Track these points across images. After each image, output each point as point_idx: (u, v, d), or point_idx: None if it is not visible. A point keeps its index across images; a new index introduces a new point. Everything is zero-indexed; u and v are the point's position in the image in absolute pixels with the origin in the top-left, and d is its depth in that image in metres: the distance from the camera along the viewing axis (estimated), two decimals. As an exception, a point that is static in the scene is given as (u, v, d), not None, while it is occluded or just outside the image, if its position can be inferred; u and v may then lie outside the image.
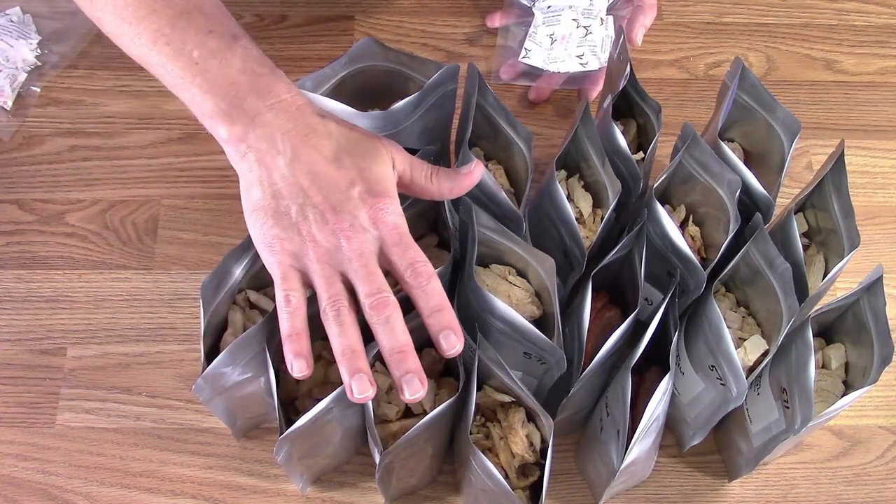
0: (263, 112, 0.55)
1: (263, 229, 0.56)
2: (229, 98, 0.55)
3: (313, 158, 0.55)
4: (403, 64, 0.71)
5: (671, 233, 0.68)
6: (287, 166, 0.55)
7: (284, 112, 0.56)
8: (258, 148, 0.55)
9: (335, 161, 0.56)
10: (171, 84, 0.57)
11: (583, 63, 0.87)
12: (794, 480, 0.75)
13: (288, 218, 0.55)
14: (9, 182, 0.84)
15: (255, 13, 0.94)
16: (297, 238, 0.55)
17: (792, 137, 0.71)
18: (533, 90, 0.90)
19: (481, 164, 0.62)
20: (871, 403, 0.78)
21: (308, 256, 0.55)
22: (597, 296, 0.71)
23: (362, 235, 0.55)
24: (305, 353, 0.56)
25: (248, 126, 0.55)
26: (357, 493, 0.73)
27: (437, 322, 0.56)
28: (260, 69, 0.57)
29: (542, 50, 0.87)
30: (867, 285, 0.64)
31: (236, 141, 0.56)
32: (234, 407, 0.69)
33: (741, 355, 0.65)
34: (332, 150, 0.56)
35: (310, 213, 0.55)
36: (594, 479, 0.71)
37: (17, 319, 0.78)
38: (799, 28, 0.97)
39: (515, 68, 0.90)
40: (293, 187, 0.55)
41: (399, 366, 0.54)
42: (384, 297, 0.55)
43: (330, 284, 0.55)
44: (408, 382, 0.54)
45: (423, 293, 0.56)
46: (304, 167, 0.55)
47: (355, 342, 0.55)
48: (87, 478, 0.73)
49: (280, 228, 0.55)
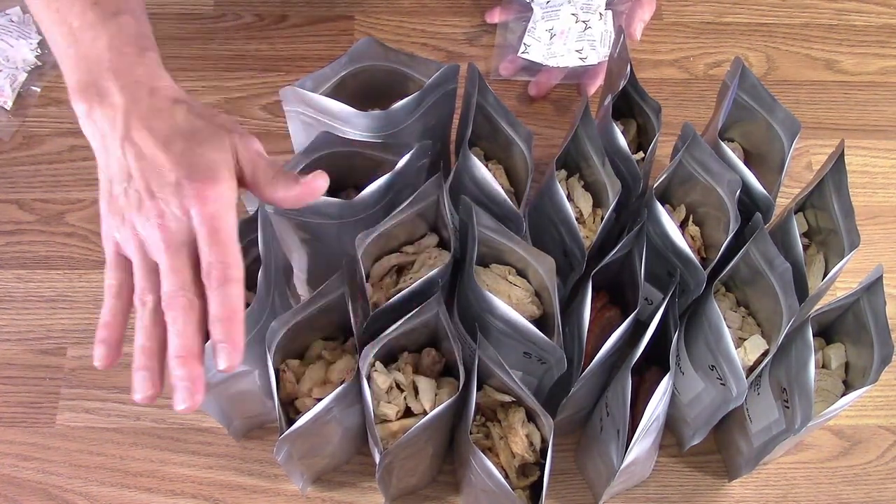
0: (114, 93, 0.54)
1: (102, 214, 0.55)
2: (90, 75, 0.54)
3: (144, 141, 0.53)
4: (403, 64, 0.71)
5: (671, 233, 0.68)
6: (120, 148, 0.53)
7: (134, 93, 0.54)
8: (102, 129, 0.54)
9: (166, 144, 0.53)
10: (54, 51, 0.56)
11: (582, 58, 0.87)
12: (794, 480, 0.75)
13: (117, 203, 0.54)
14: (9, 182, 0.84)
15: (255, 13, 0.94)
16: (122, 226, 0.54)
17: (792, 137, 0.71)
18: (533, 85, 0.90)
19: (325, 176, 0.57)
20: (871, 403, 0.78)
21: (129, 246, 0.54)
22: (597, 296, 0.71)
23: (173, 225, 0.52)
24: (111, 341, 0.53)
25: (97, 105, 0.54)
26: (357, 493, 0.73)
27: (217, 332, 0.52)
28: (126, 48, 0.55)
29: (541, 45, 0.87)
30: (867, 285, 0.64)
31: (86, 119, 0.54)
32: (228, 405, 0.68)
33: (741, 355, 0.65)
34: (167, 133, 0.54)
35: (133, 199, 0.53)
36: (594, 478, 0.71)
37: (17, 319, 0.78)
38: (799, 28, 0.97)
39: (515, 64, 0.90)
40: (122, 171, 0.53)
41: (175, 371, 0.52)
42: (179, 299, 0.52)
43: (144, 277, 0.54)
44: (180, 389, 0.51)
45: (214, 296, 0.52)
46: (134, 150, 0.53)
47: (152, 343, 0.53)
48: (87, 478, 0.73)
49: (111, 214, 0.54)
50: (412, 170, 0.67)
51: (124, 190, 0.53)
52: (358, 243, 0.64)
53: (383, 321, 0.63)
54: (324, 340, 0.68)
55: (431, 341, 0.67)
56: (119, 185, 0.53)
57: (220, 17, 0.94)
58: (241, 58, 0.91)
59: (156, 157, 0.53)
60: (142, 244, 0.53)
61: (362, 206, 0.65)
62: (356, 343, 0.64)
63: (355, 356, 0.65)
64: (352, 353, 0.66)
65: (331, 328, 0.68)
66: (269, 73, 0.91)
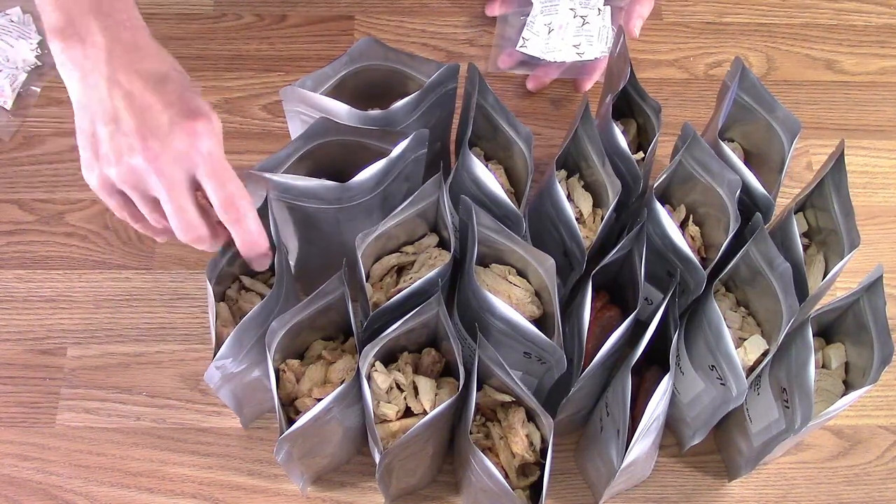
0: (96, 32, 0.54)
1: (83, 153, 0.56)
2: (70, 15, 0.55)
3: (133, 83, 0.54)
4: (403, 63, 0.71)
5: (671, 233, 0.68)
6: (106, 89, 0.54)
7: (117, 34, 0.55)
8: (83, 67, 0.54)
9: (156, 84, 0.54)
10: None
11: (579, 53, 0.87)
12: (794, 480, 0.75)
13: (104, 144, 0.54)
14: (9, 182, 0.84)
15: (255, 13, 0.94)
16: (112, 166, 0.54)
17: (792, 137, 0.71)
18: (531, 79, 0.90)
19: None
20: (871, 403, 0.78)
21: (123, 183, 0.55)
22: (597, 296, 0.71)
23: (172, 165, 0.54)
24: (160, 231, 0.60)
25: (79, 45, 0.54)
26: (357, 493, 0.73)
27: (252, 251, 0.59)
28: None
29: (539, 39, 0.87)
30: (867, 285, 0.64)
31: (65, 59, 0.55)
32: (242, 394, 0.69)
33: (741, 355, 0.65)
34: (156, 74, 0.55)
35: (121, 139, 0.54)
36: (594, 478, 0.71)
37: (17, 319, 0.78)
38: (799, 28, 0.97)
39: (513, 57, 0.90)
40: (108, 111, 0.54)
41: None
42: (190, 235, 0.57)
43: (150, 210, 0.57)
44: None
45: (237, 227, 0.58)
46: (122, 91, 0.54)
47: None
48: (87, 478, 0.73)
49: (95, 154, 0.55)
50: (408, 158, 0.67)
51: (110, 133, 0.54)
52: (358, 243, 0.64)
53: (383, 321, 0.63)
54: (324, 340, 0.68)
55: (431, 341, 0.67)
56: (104, 126, 0.54)
57: (220, 17, 0.94)
58: (241, 58, 0.91)
59: (145, 96, 0.54)
60: (137, 184, 0.55)
61: (358, 191, 0.65)
62: (356, 343, 0.64)
63: (355, 356, 0.65)
64: (352, 353, 0.66)
65: (331, 328, 0.68)
66: (269, 73, 0.91)
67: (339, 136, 0.67)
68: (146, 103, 0.54)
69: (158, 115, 0.54)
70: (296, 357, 0.67)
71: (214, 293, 0.64)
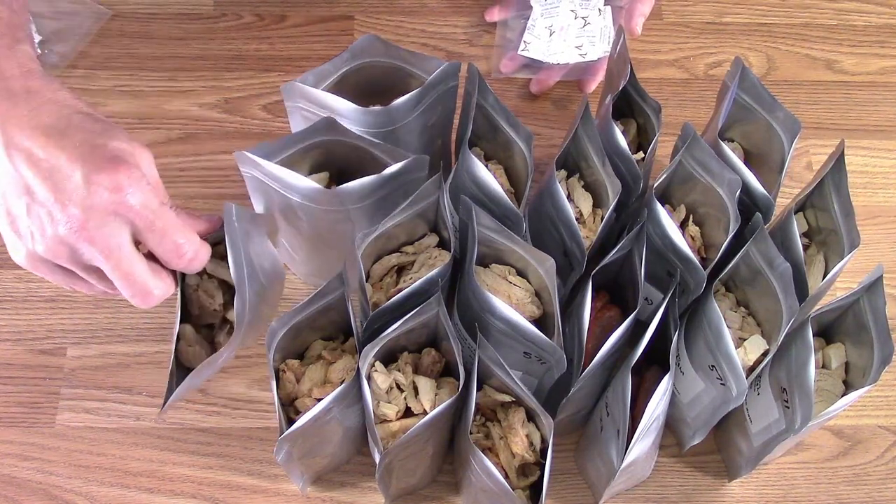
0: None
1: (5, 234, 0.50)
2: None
3: (32, 138, 0.47)
4: (404, 60, 0.71)
5: (671, 233, 0.68)
6: (6, 158, 0.47)
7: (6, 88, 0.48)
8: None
9: (59, 137, 0.47)
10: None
11: (582, 54, 0.87)
12: (794, 480, 0.75)
13: (21, 220, 0.48)
14: (9, 182, 0.84)
15: (255, 13, 0.94)
16: (38, 243, 0.49)
17: (792, 137, 0.71)
18: (534, 83, 0.90)
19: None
20: (871, 403, 0.78)
21: (56, 258, 0.49)
22: (597, 296, 0.71)
23: (101, 230, 0.48)
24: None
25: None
26: (357, 493, 0.73)
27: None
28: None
29: (541, 42, 0.87)
30: (867, 285, 0.64)
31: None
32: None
33: (741, 355, 0.65)
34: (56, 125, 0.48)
35: (39, 210, 0.47)
36: (594, 479, 0.71)
37: (17, 319, 0.78)
38: (799, 28, 0.97)
39: (515, 61, 0.90)
40: (18, 185, 0.47)
41: None
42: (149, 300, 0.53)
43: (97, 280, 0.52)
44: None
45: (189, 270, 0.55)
46: (23, 153, 0.47)
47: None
48: (87, 478, 0.73)
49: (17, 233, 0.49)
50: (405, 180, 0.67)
51: (26, 206, 0.48)
52: (358, 243, 0.64)
53: (383, 321, 0.63)
54: (324, 340, 0.68)
55: (431, 341, 0.67)
56: (18, 201, 0.48)
57: (220, 17, 0.94)
58: (241, 58, 0.91)
59: (50, 157, 0.47)
60: (72, 256, 0.49)
61: (348, 199, 0.65)
62: (356, 343, 0.64)
63: (355, 356, 0.65)
64: (352, 353, 0.66)
65: (331, 328, 0.68)
66: (269, 73, 0.91)
67: (343, 137, 0.67)
68: (53, 164, 0.47)
69: (70, 175, 0.47)
70: (296, 357, 0.67)
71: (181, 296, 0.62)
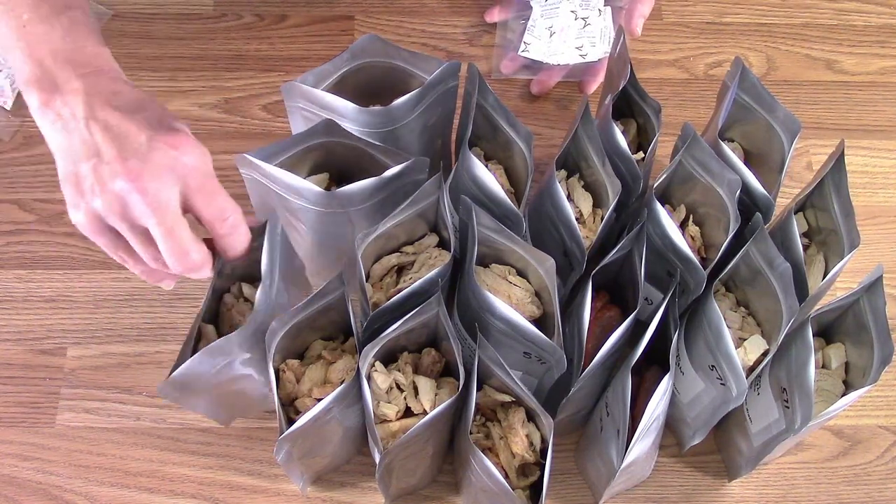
0: (73, 80, 0.54)
1: (67, 195, 0.55)
2: (44, 66, 0.54)
3: (110, 116, 0.53)
4: (405, 60, 0.71)
5: (671, 233, 0.68)
6: (86, 128, 0.53)
7: (94, 80, 0.55)
8: (61, 115, 0.54)
9: (134, 113, 0.54)
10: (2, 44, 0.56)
11: (582, 55, 0.87)
12: (794, 480, 0.75)
13: (87, 179, 0.53)
14: (9, 182, 0.84)
15: (255, 13, 0.94)
16: (96, 196, 0.53)
17: (792, 137, 0.71)
18: (535, 83, 0.90)
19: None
20: (871, 403, 0.78)
21: (110, 214, 0.54)
22: (597, 296, 0.71)
23: (155, 181, 0.53)
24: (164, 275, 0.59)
25: (56, 94, 0.54)
26: (357, 493, 0.73)
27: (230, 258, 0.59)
28: (83, 41, 0.56)
29: (541, 43, 0.87)
30: (867, 285, 0.64)
31: (44, 108, 0.54)
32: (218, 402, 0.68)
33: (741, 355, 0.65)
34: (132, 106, 0.54)
35: (104, 168, 0.53)
36: (594, 478, 0.71)
37: (17, 319, 0.78)
38: (799, 28, 0.97)
39: (516, 62, 0.90)
40: (89, 150, 0.53)
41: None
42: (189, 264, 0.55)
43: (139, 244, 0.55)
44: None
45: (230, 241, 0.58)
46: (100, 125, 0.53)
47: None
48: (87, 478, 0.73)
49: (80, 192, 0.54)
50: (406, 181, 0.67)
51: (93, 167, 0.53)
52: (358, 243, 0.64)
53: (383, 321, 0.63)
54: (324, 340, 0.68)
55: (431, 341, 0.67)
56: (86, 162, 0.53)
57: (220, 17, 0.94)
58: (241, 58, 0.91)
59: (122, 125, 0.53)
60: (124, 212, 0.53)
61: (348, 201, 0.66)
62: (356, 343, 0.64)
63: (355, 356, 0.65)
64: (352, 353, 0.66)
65: (331, 328, 0.68)
66: (269, 73, 0.91)
67: (343, 139, 0.67)
68: (124, 131, 0.53)
69: (137, 137, 0.53)
70: (296, 357, 0.67)
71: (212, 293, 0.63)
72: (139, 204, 0.53)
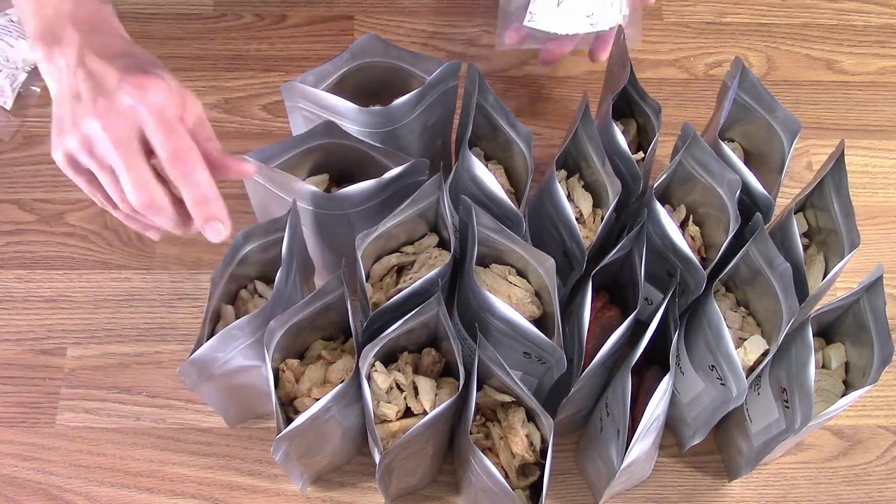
0: (72, 34, 0.56)
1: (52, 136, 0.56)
2: (48, 22, 0.57)
3: (94, 63, 0.55)
4: (405, 60, 0.71)
5: (671, 233, 0.68)
6: (73, 75, 0.55)
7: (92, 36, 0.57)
8: (59, 66, 0.56)
9: (113, 60, 0.55)
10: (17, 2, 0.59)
11: (592, 24, 0.80)
12: (794, 480, 0.75)
13: (67, 120, 0.55)
14: (9, 182, 0.84)
15: (255, 13, 0.94)
16: (70, 136, 0.55)
17: (792, 137, 0.71)
18: (543, 53, 0.84)
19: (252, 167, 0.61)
20: (871, 403, 0.78)
21: (80, 153, 0.55)
22: (597, 296, 0.71)
23: (118, 119, 0.54)
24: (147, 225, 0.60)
25: (56, 47, 0.56)
26: (357, 493, 0.73)
27: (203, 213, 0.56)
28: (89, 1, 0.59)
29: (548, 11, 0.79)
30: (867, 285, 0.64)
31: (47, 62, 0.57)
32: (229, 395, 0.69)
33: (741, 355, 0.65)
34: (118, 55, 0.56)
35: (78, 109, 0.55)
36: (594, 479, 0.71)
37: (17, 319, 0.78)
38: (799, 28, 0.97)
39: (520, 32, 0.82)
40: (72, 93, 0.55)
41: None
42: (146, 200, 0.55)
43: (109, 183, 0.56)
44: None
45: (185, 183, 0.55)
46: (84, 71, 0.55)
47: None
48: (87, 478, 0.73)
49: (59, 135, 0.56)
50: (406, 182, 0.67)
51: (71, 108, 0.55)
52: (358, 243, 0.64)
53: (383, 321, 0.63)
54: (324, 340, 0.68)
55: (431, 341, 0.67)
56: (67, 105, 0.55)
57: (220, 17, 0.94)
58: (241, 58, 0.91)
59: (102, 69, 0.55)
60: (93, 149, 0.55)
61: (348, 203, 0.65)
62: (356, 343, 0.64)
63: (355, 356, 0.65)
64: (352, 353, 0.66)
65: (331, 328, 0.68)
66: (269, 73, 0.91)
67: (343, 140, 0.67)
68: (103, 75, 0.55)
69: (111, 79, 0.54)
70: (295, 357, 0.67)
71: (225, 292, 0.64)
72: (104, 141, 0.54)
